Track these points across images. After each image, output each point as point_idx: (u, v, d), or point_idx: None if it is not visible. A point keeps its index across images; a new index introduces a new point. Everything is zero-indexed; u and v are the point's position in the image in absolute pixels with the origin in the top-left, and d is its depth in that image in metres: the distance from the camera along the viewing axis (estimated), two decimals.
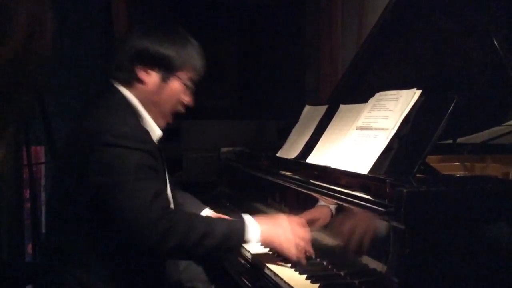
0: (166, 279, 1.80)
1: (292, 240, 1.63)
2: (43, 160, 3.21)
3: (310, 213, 1.80)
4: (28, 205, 2.90)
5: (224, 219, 1.76)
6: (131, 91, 1.73)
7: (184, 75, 1.77)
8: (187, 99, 1.81)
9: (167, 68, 1.74)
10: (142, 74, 1.72)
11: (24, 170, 2.75)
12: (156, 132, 1.77)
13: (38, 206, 2.92)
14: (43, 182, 3.30)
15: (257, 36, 4.07)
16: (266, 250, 1.82)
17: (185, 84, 1.78)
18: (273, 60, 4.05)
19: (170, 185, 1.85)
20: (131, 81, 1.73)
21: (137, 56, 1.72)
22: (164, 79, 1.75)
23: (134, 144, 1.55)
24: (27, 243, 3.02)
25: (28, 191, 2.89)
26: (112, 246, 1.60)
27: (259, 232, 1.62)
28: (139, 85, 1.73)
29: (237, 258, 1.84)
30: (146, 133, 1.66)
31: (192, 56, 1.78)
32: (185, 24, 1.82)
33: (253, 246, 1.82)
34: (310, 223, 1.77)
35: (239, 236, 1.60)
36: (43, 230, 3.04)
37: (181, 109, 1.83)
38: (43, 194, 3.28)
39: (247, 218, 1.66)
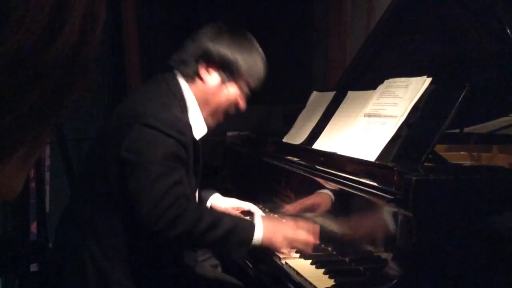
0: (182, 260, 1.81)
1: (291, 243, 1.63)
2: (48, 140, 3.22)
3: (310, 199, 1.80)
4: (33, 185, 2.91)
5: (234, 215, 1.78)
6: (190, 86, 1.78)
7: (244, 82, 1.81)
8: (241, 104, 1.86)
9: (229, 73, 1.78)
10: (203, 73, 1.77)
11: None
12: (201, 129, 1.80)
13: (42, 185, 2.93)
14: (47, 162, 3.31)
15: (265, 20, 4.04)
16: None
17: (243, 91, 1.82)
18: (280, 45, 4.02)
19: (196, 182, 1.84)
20: (193, 76, 1.78)
21: (203, 55, 1.77)
22: (224, 82, 1.79)
23: (171, 132, 1.59)
24: (32, 222, 3.04)
25: (33, 171, 2.90)
26: (128, 226, 1.64)
27: (261, 234, 1.61)
28: (199, 82, 1.78)
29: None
30: (187, 126, 1.68)
31: (256, 64, 1.82)
32: (192, 5, 1.82)
33: None
34: (311, 209, 1.78)
35: (246, 233, 1.61)
36: (48, 210, 3.06)
37: (233, 112, 1.87)
38: (47, 174, 3.29)
39: (257, 218, 1.67)
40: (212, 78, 1.78)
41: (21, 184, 0.42)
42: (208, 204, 2.13)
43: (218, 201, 2.14)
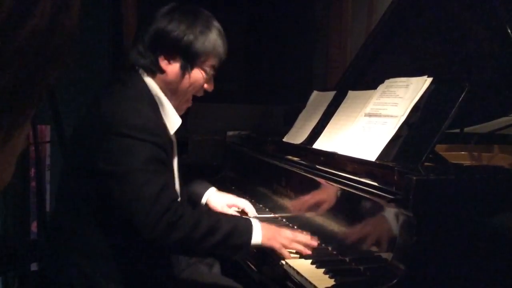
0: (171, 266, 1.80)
1: (288, 245, 1.63)
2: (48, 139, 3.22)
3: (313, 199, 1.80)
4: (33, 184, 2.91)
5: (231, 217, 1.75)
6: (153, 79, 1.70)
7: (206, 64, 1.72)
8: (209, 86, 1.78)
9: (189, 57, 1.69)
10: (163, 63, 1.69)
11: (30, 148, 2.75)
12: (175, 122, 1.74)
13: (43, 185, 2.93)
14: (48, 161, 3.31)
15: (266, 20, 4.05)
16: None
17: (206, 73, 1.74)
18: (281, 45, 4.02)
19: (179, 179, 1.83)
20: (153, 69, 1.69)
21: (158, 41, 1.68)
22: (186, 68, 1.70)
23: (146, 137, 1.54)
24: (32, 221, 3.04)
25: (33, 170, 2.90)
26: (115, 234, 1.60)
27: (260, 236, 1.61)
28: (160, 74, 1.70)
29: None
30: (160, 126, 1.64)
31: (215, 42, 1.72)
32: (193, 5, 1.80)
33: None
34: (313, 209, 1.78)
35: (245, 236, 1.59)
36: (48, 209, 3.06)
37: (202, 94, 1.80)
38: (48, 173, 3.29)
39: (254, 220, 1.66)
40: (172, 66, 1.69)
41: (8, 172, 0.42)
42: (204, 200, 2.11)
43: (213, 198, 2.12)
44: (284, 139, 2.20)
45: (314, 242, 1.65)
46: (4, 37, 0.35)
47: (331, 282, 1.38)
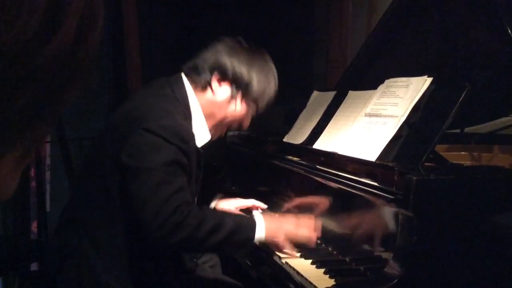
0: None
1: (293, 239, 1.64)
2: (48, 139, 3.22)
3: (313, 199, 1.80)
4: (33, 184, 2.91)
5: (235, 215, 1.76)
6: (196, 93, 1.75)
7: (253, 103, 1.80)
8: (246, 123, 1.85)
9: (241, 91, 1.76)
10: (214, 84, 1.75)
11: None
12: (204, 137, 1.78)
13: (43, 184, 2.92)
14: (48, 161, 3.31)
15: (266, 21, 4.04)
16: None
17: (250, 110, 1.81)
18: (281, 45, 4.02)
19: (196, 190, 1.84)
20: (203, 85, 1.75)
21: (218, 67, 1.75)
22: (234, 98, 1.77)
23: (174, 140, 1.57)
24: (32, 221, 3.04)
25: (33, 170, 2.90)
26: (126, 229, 1.62)
27: (264, 231, 1.62)
28: (208, 92, 1.76)
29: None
30: (189, 134, 1.66)
31: (269, 88, 1.81)
32: (194, 6, 1.81)
33: None
34: (313, 209, 1.78)
35: (248, 232, 1.60)
36: (48, 209, 3.06)
37: (236, 128, 1.87)
38: (48, 173, 3.29)
39: (257, 215, 1.67)
40: (222, 91, 1.76)
41: (15, 184, 0.42)
42: (212, 205, 2.13)
43: (220, 205, 2.13)
44: (284, 139, 2.19)
45: (317, 235, 1.65)
46: (30, 52, 0.35)
47: (331, 282, 1.38)
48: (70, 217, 1.75)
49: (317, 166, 1.73)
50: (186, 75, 1.77)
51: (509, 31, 1.70)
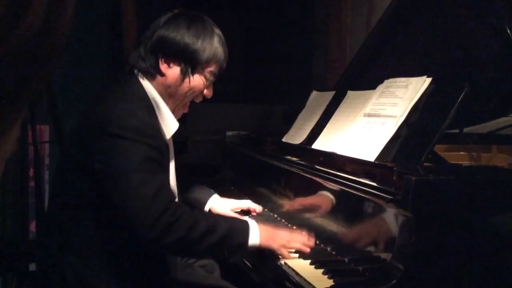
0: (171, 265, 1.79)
1: (287, 244, 1.63)
2: (47, 139, 3.21)
3: (312, 199, 1.80)
4: (32, 184, 2.91)
5: (229, 218, 1.74)
6: (151, 83, 1.70)
7: (207, 70, 1.73)
8: (208, 92, 1.79)
9: (190, 62, 1.69)
10: (163, 67, 1.69)
11: (29, 148, 2.75)
12: (172, 126, 1.74)
13: (41, 184, 2.92)
14: (47, 161, 3.30)
15: (265, 20, 4.04)
16: None
17: (206, 79, 1.74)
18: (280, 45, 4.02)
19: (176, 182, 1.83)
20: (152, 73, 1.70)
21: (160, 46, 1.68)
22: (186, 73, 1.70)
23: (140, 138, 1.54)
24: (31, 221, 3.03)
25: (32, 170, 2.90)
26: (110, 236, 1.59)
27: (258, 237, 1.61)
28: (159, 78, 1.70)
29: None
30: (155, 129, 1.64)
31: (217, 49, 1.73)
32: (192, 5, 1.80)
33: None
34: (312, 209, 1.77)
35: (242, 237, 1.59)
36: (47, 209, 3.05)
37: (200, 100, 1.81)
38: (47, 173, 3.29)
39: (251, 221, 1.66)
40: (172, 70, 1.69)
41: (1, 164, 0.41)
42: (207, 207, 2.11)
43: (217, 204, 2.12)
44: (284, 139, 2.19)
45: (311, 242, 1.65)
46: (0, 34, 0.35)
47: (330, 282, 1.37)
48: (50, 224, 1.70)
49: (316, 166, 1.73)
50: (135, 67, 1.72)
51: (509, 32, 1.70)
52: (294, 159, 1.94)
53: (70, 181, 1.62)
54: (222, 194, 2.18)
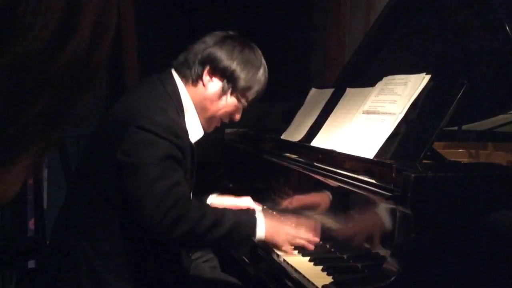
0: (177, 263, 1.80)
1: (291, 240, 1.65)
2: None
3: (309, 198, 1.80)
4: (31, 181, 2.91)
5: (236, 211, 1.76)
6: (187, 88, 1.77)
7: (243, 96, 1.81)
8: (237, 116, 1.86)
9: (230, 84, 1.78)
10: (206, 78, 1.77)
11: None
12: (197, 132, 1.79)
13: (40, 182, 2.92)
14: (45, 158, 3.30)
15: (264, 18, 4.04)
16: None
17: (240, 103, 1.82)
18: (279, 42, 4.02)
19: (192, 185, 1.85)
20: (194, 79, 1.77)
21: (210, 61, 1.76)
22: (224, 91, 1.78)
23: (167, 135, 1.59)
24: (30, 219, 3.03)
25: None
26: (123, 228, 1.63)
27: (264, 231, 1.63)
28: (199, 86, 1.77)
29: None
30: (183, 129, 1.68)
31: (259, 82, 1.82)
32: (191, 4, 1.81)
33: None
34: (311, 206, 1.78)
35: (248, 230, 1.62)
36: (45, 207, 3.05)
37: (227, 121, 1.88)
38: (45, 171, 3.29)
39: (258, 215, 1.68)
40: (213, 84, 1.78)
41: (17, 188, 0.41)
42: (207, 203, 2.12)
43: (215, 203, 2.13)
44: (282, 137, 2.19)
45: (316, 238, 1.66)
46: (44, 60, 0.35)
47: (329, 279, 1.38)
48: (67, 216, 1.75)
49: (315, 164, 1.73)
50: (176, 70, 1.79)
51: (508, 29, 1.70)
52: (293, 156, 1.94)
53: (93, 172, 1.68)
54: (221, 192, 2.18)
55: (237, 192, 2.24)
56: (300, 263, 1.53)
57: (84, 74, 0.38)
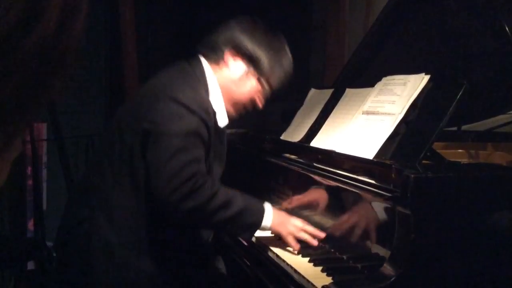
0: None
1: (296, 233, 1.67)
2: (45, 137, 3.21)
3: (310, 198, 1.80)
4: (30, 182, 2.90)
5: (247, 196, 1.75)
6: (214, 70, 1.78)
7: (265, 80, 1.80)
8: (259, 102, 1.85)
9: (254, 67, 1.78)
10: (229, 59, 1.77)
11: (26, 146, 2.74)
12: (223, 117, 1.80)
13: (39, 183, 2.92)
14: (44, 159, 3.30)
15: (263, 18, 4.04)
16: (269, 233, 1.82)
17: (263, 88, 1.82)
18: None
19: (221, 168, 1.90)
20: (218, 60, 1.78)
21: (233, 42, 1.77)
22: (248, 75, 1.79)
23: (197, 110, 1.61)
24: (29, 219, 3.03)
25: (30, 168, 2.89)
26: (141, 203, 1.64)
27: (271, 220, 1.66)
28: (223, 67, 1.78)
29: (241, 239, 1.84)
30: (211, 108, 1.70)
31: (281, 67, 1.82)
32: (190, 4, 1.82)
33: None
34: (311, 207, 1.77)
35: (256, 216, 1.64)
36: (45, 207, 3.05)
37: (250, 109, 1.87)
38: (44, 171, 3.29)
39: (267, 204, 1.70)
40: (237, 66, 1.78)
41: (2, 178, 0.41)
42: None
43: None
44: (282, 137, 2.19)
45: (322, 234, 1.67)
46: (11, 44, 0.35)
47: (329, 280, 1.37)
48: (83, 188, 1.77)
49: (315, 164, 1.73)
50: (202, 53, 1.80)
51: (507, 29, 1.70)
52: (293, 157, 1.94)
53: (116, 143, 1.68)
54: None
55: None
56: (300, 263, 1.53)
57: (54, 58, 0.38)
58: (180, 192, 1.53)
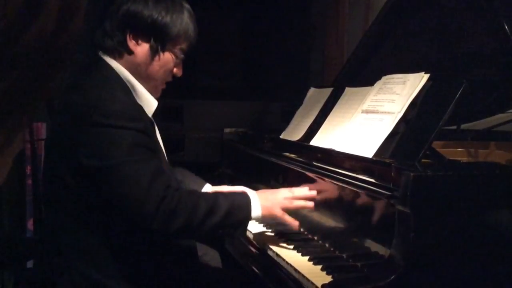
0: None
1: (289, 205, 1.64)
2: (44, 136, 3.21)
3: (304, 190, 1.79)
4: (29, 181, 2.90)
5: (228, 194, 1.67)
6: (120, 63, 1.61)
7: (177, 47, 1.65)
8: (177, 71, 1.70)
9: (160, 38, 1.62)
10: (131, 43, 1.60)
11: (26, 146, 2.74)
12: (151, 103, 1.66)
13: (39, 182, 2.91)
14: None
15: (262, 16, 4.04)
16: (269, 231, 1.82)
17: (176, 56, 1.67)
18: (277, 41, 4.02)
19: (167, 161, 1.77)
20: (120, 51, 1.60)
21: (128, 21, 1.60)
22: (155, 50, 1.63)
23: (125, 123, 1.44)
24: (28, 219, 3.03)
25: (29, 168, 2.89)
26: (110, 233, 1.53)
27: (260, 208, 1.60)
28: (127, 56, 1.61)
29: (239, 238, 1.84)
30: (138, 109, 1.56)
31: (187, 25, 1.65)
32: (190, 4, 1.77)
33: (255, 226, 1.83)
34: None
35: (244, 211, 1.58)
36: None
37: (170, 79, 1.72)
38: None
39: (250, 193, 1.64)
40: (141, 47, 1.61)
41: (3, 174, 0.41)
42: None
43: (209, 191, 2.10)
44: (281, 136, 2.19)
45: (312, 192, 1.66)
46: (10, 39, 0.35)
47: (329, 278, 1.38)
48: (50, 229, 1.64)
49: (314, 163, 1.73)
50: (100, 48, 1.61)
51: (506, 28, 1.70)
52: (292, 156, 1.94)
53: (59, 182, 1.52)
54: (211, 185, 2.17)
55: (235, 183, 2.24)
56: (300, 262, 1.53)
57: (53, 54, 0.38)
58: (160, 215, 1.42)
